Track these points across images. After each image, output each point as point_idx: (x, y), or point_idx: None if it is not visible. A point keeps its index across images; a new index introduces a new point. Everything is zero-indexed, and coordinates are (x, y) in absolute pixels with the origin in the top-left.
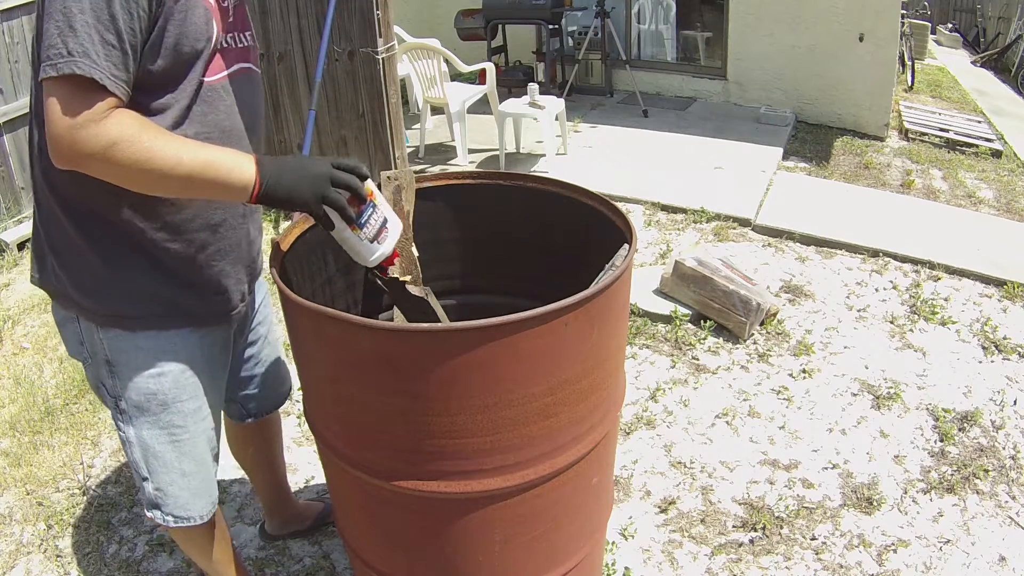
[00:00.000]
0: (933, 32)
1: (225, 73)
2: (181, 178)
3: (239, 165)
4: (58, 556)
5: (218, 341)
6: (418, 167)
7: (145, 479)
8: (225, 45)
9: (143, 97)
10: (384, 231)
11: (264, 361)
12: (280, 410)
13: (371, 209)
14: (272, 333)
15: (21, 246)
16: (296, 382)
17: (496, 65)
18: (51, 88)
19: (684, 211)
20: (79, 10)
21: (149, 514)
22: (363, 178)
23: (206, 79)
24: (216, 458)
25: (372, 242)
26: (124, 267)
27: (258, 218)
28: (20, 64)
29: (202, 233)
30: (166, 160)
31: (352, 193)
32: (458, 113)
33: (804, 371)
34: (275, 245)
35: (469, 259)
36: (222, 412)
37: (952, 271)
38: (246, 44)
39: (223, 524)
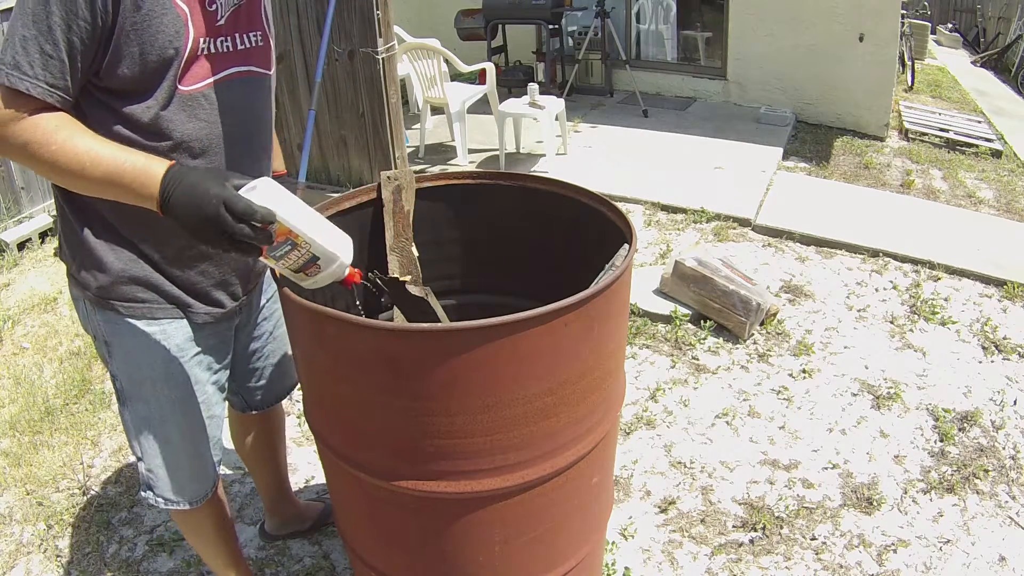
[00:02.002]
0: (933, 32)
1: (211, 80)
2: (90, 184)
3: (143, 179)
4: (58, 556)
5: (214, 335)
6: (418, 167)
7: (139, 459)
8: (213, 50)
9: (120, 103)
10: (313, 268)
11: (269, 356)
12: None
13: (288, 247)
14: (280, 328)
15: (21, 246)
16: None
17: (496, 65)
18: None
19: (684, 211)
20: (23, 24)
21: (143, 493)
22: (264, 219)
23: (182, 87)
24: (214, 447)
25: (298, 272)
26: (116, 256)
27: None
28: None
29: (179, 239)
30: (70, 166)
31: (236, 245)
32: (458, 113)
33: (804, 371)
34: None
35: (469, 259)
36: (224, 403)
37: (952, 271)
38: (248, 46)
39: (224, 514)
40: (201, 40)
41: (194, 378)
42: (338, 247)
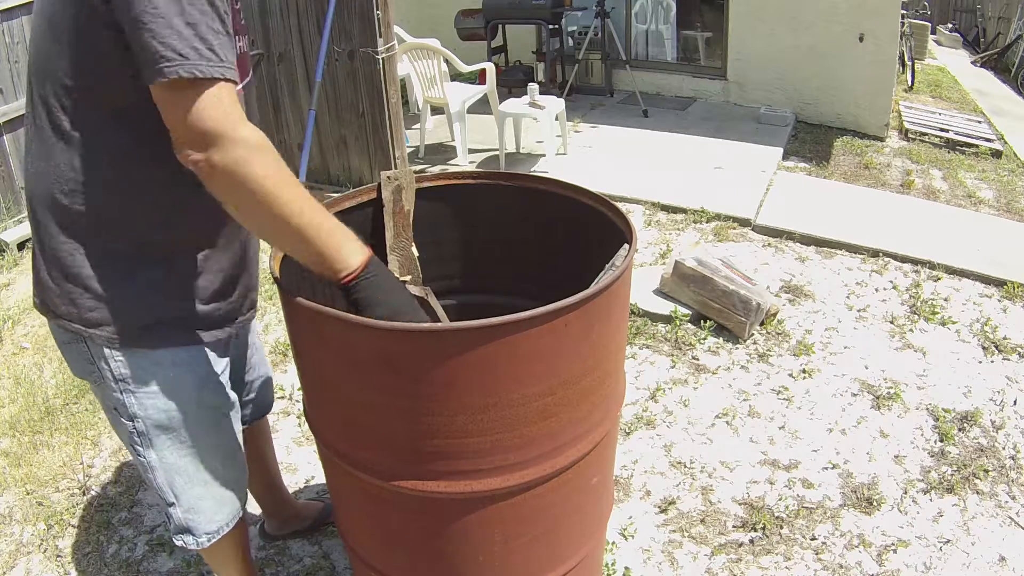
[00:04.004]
0: (933, 32)
1: (249, 79)
2: (293, 229)
3: (349, 249)
4: (58, 556)
5: (227, 350)
6: (418, 167)
7: (172, 504)
8: (244, 50)
9: None
10: None
11: (256, 367)
12: (280, 410)
13: None
14: (256, 337)
15: (21, 246)
16: (296, 382)
17: (496, 65)
18: (181, 89)
19: (684, 211)
20: (178, 10)
21: (179, 542)
22: None
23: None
24: (244, 461)
25: None
26: (140, 284)
27: None
28: (20, 64)
29: (222, 240)
30: (288, 204)
31: None
32: (458, 113)
33: (804, 371)
34: (274, 251)
35: (469, 259)
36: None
37: (952, 271)
38: (247, 50)
39: (247, 532)
40: (238, 37)
41: (221, 398)
42: None
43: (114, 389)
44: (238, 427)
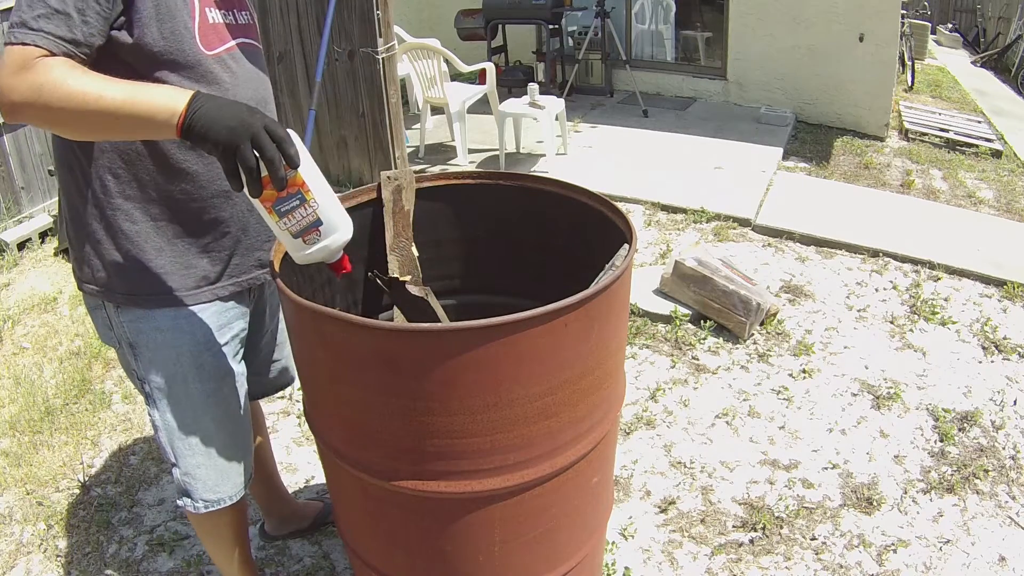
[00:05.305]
0: (933, 32)
1: (230, 44)
2: (104, 112)
3: (169, 96)
4: (58, 556)
5: (237, 316)
6: (418, 167)
7: (174, 464)
8: (218, 20)
9: (149, 72)
10: (314, 233)
11: (283, 344)
12: (280, 410)
13: (296, 201)
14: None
15: (21, 246)
16: (296, 382)
17: (496, 65)
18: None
19: (684, 211)
20: None
21: (180, 503)
22: (290, 159)
23: (207, 51)
24: (247, 436)
25: (296, 238)
26: (140, 240)
27: None
28: None
29: (215, 199)
30: (87, 95)
31: (267, 162)
32: (458, 113)
33: (804, 371)
34: (276, 244)
35: (469, 259)
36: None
37: (952, 271)
38: (246, 21)
39: (245, 514)
40: (207, 9)
41: (222, 367)
42: (342, 219)
43: (126, 351)
44: (244, 401)
